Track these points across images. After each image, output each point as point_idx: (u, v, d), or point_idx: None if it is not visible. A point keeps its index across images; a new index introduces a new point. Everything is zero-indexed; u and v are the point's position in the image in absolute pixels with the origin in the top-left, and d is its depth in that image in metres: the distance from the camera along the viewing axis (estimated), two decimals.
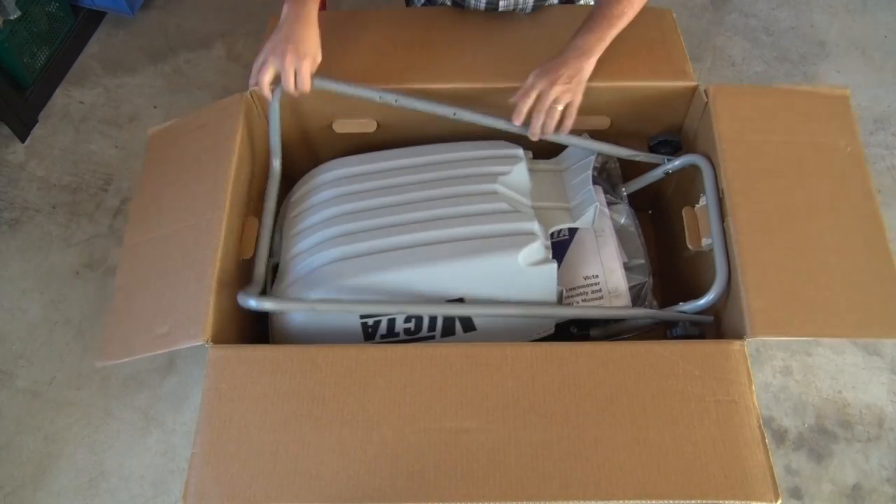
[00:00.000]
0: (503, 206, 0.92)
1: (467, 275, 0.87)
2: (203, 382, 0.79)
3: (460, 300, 0.88)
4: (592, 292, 0.96)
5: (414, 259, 0.86)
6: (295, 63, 0.87)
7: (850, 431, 1.24)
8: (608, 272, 0.97)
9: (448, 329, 0.91)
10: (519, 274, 0.87)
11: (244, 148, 0.96)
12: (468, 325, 0.91)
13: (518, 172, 0.97)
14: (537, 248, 0.88)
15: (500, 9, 1.06)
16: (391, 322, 0.89)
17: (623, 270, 0.97)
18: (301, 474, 0.74)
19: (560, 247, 1.00)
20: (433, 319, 0.90)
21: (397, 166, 0.99)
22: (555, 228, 0.96)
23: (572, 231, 1.00)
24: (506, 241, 0.87)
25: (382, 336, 0.91)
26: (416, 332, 0.91)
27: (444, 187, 0.94)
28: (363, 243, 0.89)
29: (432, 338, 0.92)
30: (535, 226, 0.90)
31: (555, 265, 0.89)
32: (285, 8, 0.91)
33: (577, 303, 0.96)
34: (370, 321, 0.89)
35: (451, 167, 0.98)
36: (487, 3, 1.06)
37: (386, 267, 0.86)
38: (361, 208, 0.93)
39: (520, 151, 1.00)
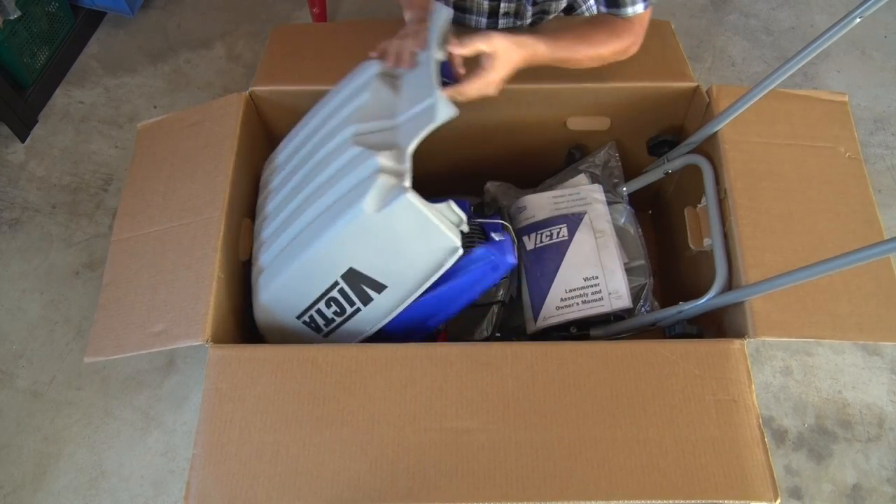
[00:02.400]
0: (354, 151, 0.79)
1: (338, 251, 0.79)
2: (203, 382, 0.79)
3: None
4: (592, 294, 0.96)
5: (296, 252, 0.81)
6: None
7: (850, 431, 1.24)
8: (608, 273, 0.97)
9: (362, 296, 0.83)
10: (378, 226, 0.75)
11: (243, 148, 0.96)
12: (374, 284, 0.82)
13: (374, 95, 0.84)
14: (383, 185, 0.73)
15: (500, 25, 1.06)
16: (320, 312, 0.86)
17: (623, 272, 0.97)
18: (302, 474, 0.74)
19: (559, 248, 1.00)
20: (344, 293, 0.83)
21: (294, 147, 0.92)
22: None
23: (571, 231, 1.00)
24: (352, 195, 0.75)
25: (326, 326, 0.88)
26: (343, 312, 0.86)
27: (311, 158, 0.86)
28: (275, 241, 0.86)
29: (358, 310, 0.85)
30: (376, 161, 0.75)
31: (408, 196, 0.72)
32: (407, 14, 0.95)
33: (577, 304, 0.96)
34: (306, 318, 0.87)
35: (318, 130, 0.89)
36: (488, 19, 1.06)
37: (284, 265, 0.83)
38: (273, 201, 0.91)
39: (373, 68, 0.87)
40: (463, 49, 0.80)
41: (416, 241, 0.77)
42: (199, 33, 1.77)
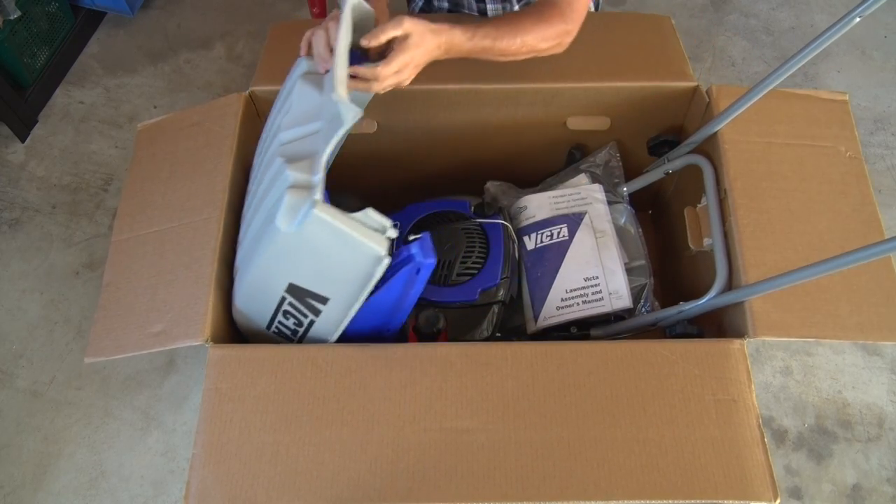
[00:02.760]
0: (276, 163, 0.75)
1: (274, 269, 0.77)
2: (203, 382, 0.79)
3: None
4: (593, 294, 0.96)
5: (246, 265, 0.80)
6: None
7: (850, 431, 1.24)
8: (608, 273, 0.97)
9: (311, 309, 0.81)
10: (297, 244, 0.72)
11: (243, 148, 0.96)
12: (317, 297, 0.79)
13: (298, 98, 0.79)
14: (292, 202, 0.69)
15: (489, 13, 1.06)
16: (283, 324, 0.85)
17: (624, 272, 0.97)
18: (302, 474, 0.74)
19: (560, 248, 1.00)
20: (295, 307, 0.81)
21: (258, 149, 0.91)
22: (550, 230, 0.94)
23: (572, 231, 1.00)
24: (272, 212, 0.72)
25: (294, 335, 0.87)
26: (301, 324, 0.84)
27: (261, 164, 0.83)
28: (241, 245, 0.86)
29: (312, 322, 0.83)
30: (287, 175, 0.71)
31: (316, 211, 0.68)
32: None
33: (578, 304, 0.96)
34: (274, 328, 0.86)
35: (267, 133, 0.86)
36: (479, 10, 1.07)
37: (241, 277, 0.82)
38: (246, 203, 0.90)
39: (301, 66, 0.82)
40: (374, 40, 0.74)
41: (340, 254, 0.74)
42: (199, 33, 1.77)
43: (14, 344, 1.34)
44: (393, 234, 0.75)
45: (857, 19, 0.70)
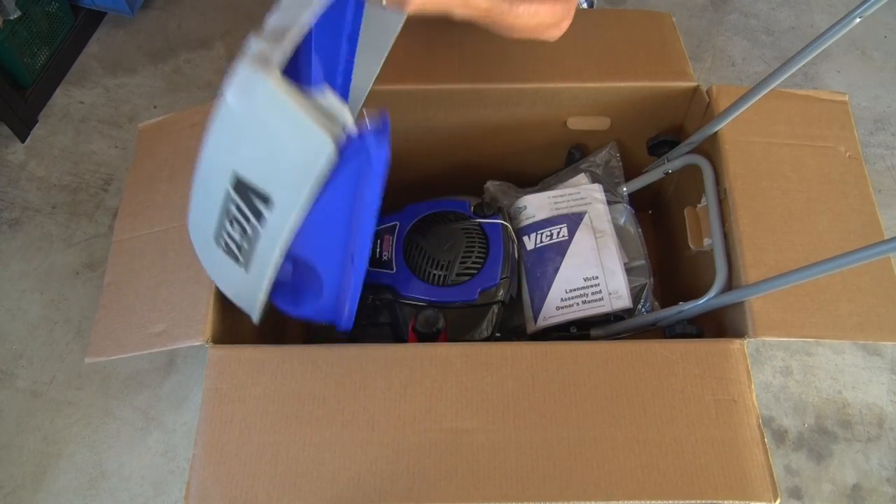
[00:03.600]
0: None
1: (220, 152, 0.69)
2: (203, 383, 0.79)
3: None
4: (593, 294, 0.96)
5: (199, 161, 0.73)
6: None
7: (850, 431, 1.24)
8: (608, 273, 0.97)
9: (254, 212, 0.73)
10: (245, 120, 0.66)
11: None
12: (261, 196, 0.70)
13: None
14: (246, 70, 0.63)
15: None
16: (230, 235, 0.77)
17: (624, 272, 0.97)
18: (302, 475, 0.74)
19: (559, 248, 1.00)
20: (239, 209, 0.73)
21: None
22: (554, 228, 0.94)
23: (571, 231, 1.00)
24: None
25: (239, 252, 0.78)
26: (246, 233, 0.75)
27: None
28: None
29: (257, 232, 0.74)
30: (251, 46, 0.64)
31: (270, 79, 0.61)
32: None
33: (578, 304, 0.96)
34: (222, 243, 0.78)
35: None
36: None
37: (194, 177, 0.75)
38: None
39: None
40: None
41: (286, 139, 0.66)
42: (199, 33, 1.77)
43: (14, 344, 1.34)
44: (351, 129, 0.65)
45: (858, 19, 0.70)
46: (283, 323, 1.23)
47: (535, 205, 1.05)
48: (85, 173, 1.55)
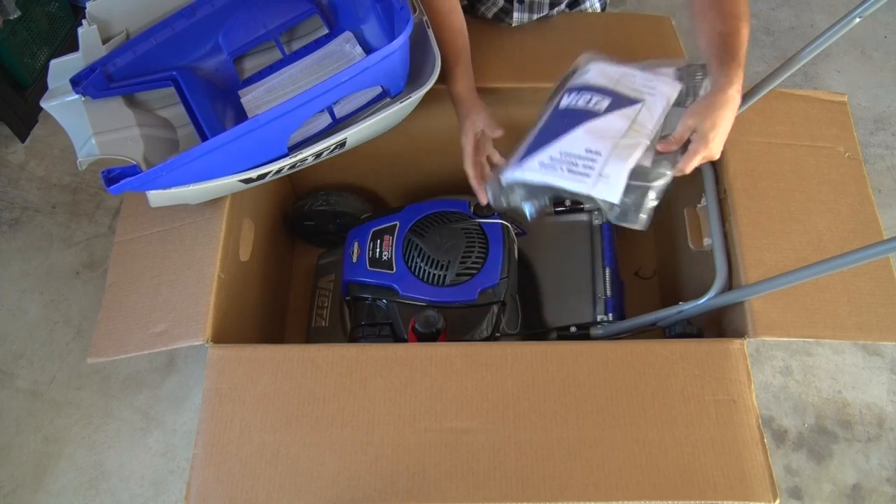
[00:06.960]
0: None
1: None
2: (203, 383, 0.79)
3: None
4: (583, 166, 0.81)
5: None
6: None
7: (850, 431, 1.24)
8: (614, 157, 0.81)
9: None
10: None
11: None
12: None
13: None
14: None
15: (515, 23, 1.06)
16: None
17: (631, 172, 0.80)
18: (302, 475, 0.74)
19: (585, 115, 0.84)
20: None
21: None
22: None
23: (610, 109, 0.84)
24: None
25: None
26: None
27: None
28: None
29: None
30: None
31: None
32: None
33: (562, 170, 0.81)
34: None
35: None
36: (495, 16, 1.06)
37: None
38: None
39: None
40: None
41: None
42: None
43: (14, 344, 1.34)
44: None
45: (857, 19, 0.70)
46: (284, 323, 1.23)
47: (599, 71, 0.90)
48: (85, 173, 1.55)
